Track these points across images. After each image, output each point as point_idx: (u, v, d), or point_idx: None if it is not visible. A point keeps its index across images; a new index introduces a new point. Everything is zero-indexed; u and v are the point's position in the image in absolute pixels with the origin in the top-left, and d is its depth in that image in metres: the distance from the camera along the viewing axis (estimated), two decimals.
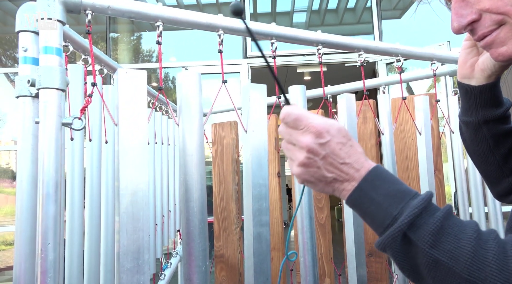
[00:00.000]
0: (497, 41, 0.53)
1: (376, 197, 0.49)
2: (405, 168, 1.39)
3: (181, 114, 0.83)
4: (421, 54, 1.12)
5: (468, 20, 0.53)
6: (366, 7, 4.09)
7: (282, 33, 0.95)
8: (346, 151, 0.52)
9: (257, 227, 0.88)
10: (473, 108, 0.66)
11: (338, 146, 0.51)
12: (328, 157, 0.51)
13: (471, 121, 0.67)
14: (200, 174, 0.83)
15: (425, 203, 0.46)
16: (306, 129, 0.52)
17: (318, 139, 0.51)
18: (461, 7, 0.53)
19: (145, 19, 0.83)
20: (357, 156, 0.52)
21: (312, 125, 0.52)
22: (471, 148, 0.71)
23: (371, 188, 0.50)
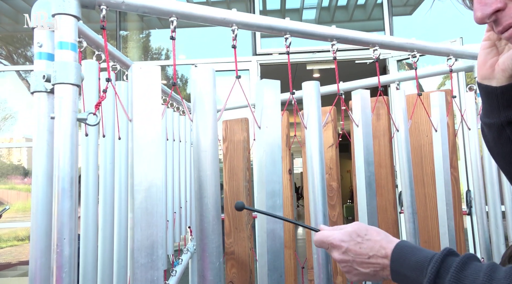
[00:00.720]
0: None
1: (406, 273, 0.57)
2: (420, 165, 1.37)
3: (195, 110, 0.83)
4: (437, 49, 1.10)
5: (493, 9, 0.51)
6: (376, 4, 4.05)
7: (296, 28, 0.94)
8: (366, 246, 0.62)
9: (271, 224, 0.87)
10: (495, 109, 0.64)
11: (357, 247, 0.62)
12: (356, 259, 0.62)
13: (493, 123, 0.65)
14: (214, 170, 0.83)
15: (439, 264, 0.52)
16: (330, 248, 0.66)
17: (339, 250, 0.64)
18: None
19: (159, 14, 0.82)
20: (378, 245, 0.61)
21: (330, 243, 0.66)
22: (494, 150, 0.69)
23: (399, 267, 0.58)
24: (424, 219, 1.30)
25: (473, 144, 1.21)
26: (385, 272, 0.60)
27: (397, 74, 1.30)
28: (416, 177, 1.36)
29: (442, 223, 1.07)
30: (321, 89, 1.42)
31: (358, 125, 1.01)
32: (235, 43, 0.89)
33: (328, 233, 0.68)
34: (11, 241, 4.26)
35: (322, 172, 0.96)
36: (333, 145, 1.54)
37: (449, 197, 1.08)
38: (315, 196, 0.95)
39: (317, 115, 0.96)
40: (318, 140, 0.96)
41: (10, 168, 4.64)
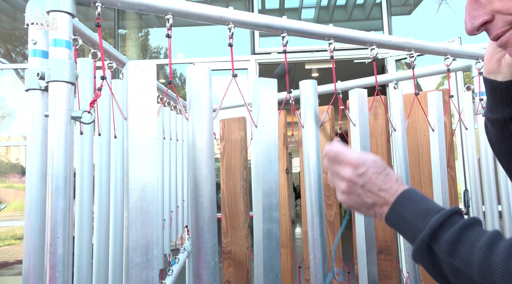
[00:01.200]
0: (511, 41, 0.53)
1: (407, 215, 0.55)
2: (417, 164, 1.37)
3: (191, 109, 0.82)
4: (435, 48, 1.09)
5: (481, 21, 0.53)
6: (375, 3, 4.05)
7: (293, 26, 0.93)
8: (382, 179, 0.60)
9: (267, 223, 0.87)
10: (499, 104, 0.64)
11: (374, 175, 0.60)
12: (367, 185, 0.60)
13: (496, 118, 0.65)
14: (209, 169, 0.82)
15: (446, 216, 0.51)
16: (345, 162, 0.62)
17: (356, 170, 0.60)
18: (474, 9, 0.53)
19: (155, 11, 0.82)
20: (392, 183, 0.59)
21: (350, 159, 0.61)
22: (497, 146, 0.68)
23: (402, 208, 0.56)
24: None
25: (470, 143, 1.21)
26: (383, 209, 0.59)
27: (394, 74, 1.30)
28: (414, 176, 1.36)
29: None
30: (319, 88, 1.42)
31: (355, 125, 1.00)
32: (231, 42, 0.89)
33: (347, 149, 0.63)
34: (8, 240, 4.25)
35: (319, 171, 0.96)
36: None
37: (445, 197, 1.08)
38: (311, 195, 0.94)
39: (314, 114, 0.96)
40: (315, 140, 0.95)
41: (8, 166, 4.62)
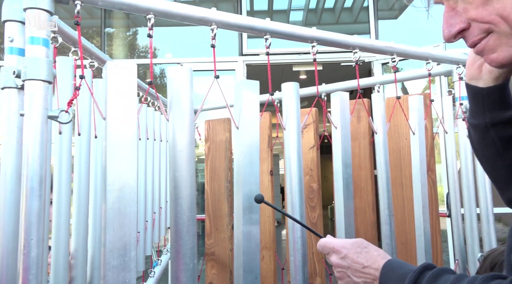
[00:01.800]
0: (487, 48, 0.54)
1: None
2: (399, 167, 1.38)
3: (172, 110, 0.82)
4: (417, 53, 1.11)
5: (457, 29, 0.54)
6: (363, 7, 4.09)
7: (276, 29, 0.94)
8: (363, 256, 0.67)
9: (247, 225, 0.87)
10: (481, 110, 0.65)
11: (355, 255, 0.67)
12: (352, 266, 0.67)
13: (478, 124, 0.66)
14: (189, 171, 0.82)
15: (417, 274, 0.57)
16: (331, 252, 0.71)
17: (339, 255, 0.69)
18: (451, 17, 0.55)
19: (136, 11, 0.81)
20: (374, 258, 0.66)
21: (332, 247, 0.71)
22: (479, 151, 0.69)
23: (387, 279, 0.63)
24: (402, 221, 1.32)
25: (450, 147, 1.23)
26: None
27: (377, 78, 1.31)
28: (395, 179, 1.37)
29: (418, 225, 1.08)
30: (302, 91, 1.43)
31: (336, 128, 1.01)
32: (214, 43, 0.88)
33: (332, 239, 0.73)
34: None
35: (300, 173, 0.96)
36: (314, 146, 1.54)
37: (425, 200, 1.09)
38: (292, 197, 0.94)
39: (296, 117, 0.96)
40: (296, 142, 0.96)
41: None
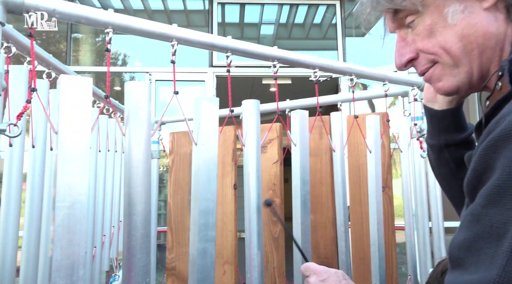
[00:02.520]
0: (434, 77, 0.58)
1: None
2: (358, 184, 1.42)
3: (128, 124, 0.81)
4: (374, 74, 1.15)
5: (407, 59, 0.58)
6: (331, 24, 4.21)
7: (237, 47, 0.95)
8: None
9: (202, 242, 0.86)
10: (436, 131, 0.69)
11: (335, 282, 0.70)
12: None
13: (434, 144, 0.70)
14: (145, 187, 0.81)
15: None
16: (312, 274, 0.73)
17: (319, 277, 0.71)
18: (401, 47, 0.59)
19: (95, 25, 0.80)
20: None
21: (314, 269, 0.73)
22: (436, 170, 0.74)
23: None
24: (360, 237, 1.35)
25: (404, 165, 1.27)
26: None
27: (338, 96, 1.35)
28: (355, 196, 1.41)
29: (373, 241, 1.11)
30: (267, 106, 1.45)
31: (295, 145, 1.03)
32: (174, 59, 0.89)
33: (315, 265, 0.76)
34: None
35: (258, 189, 0.97)
36: (278, 161, 1.56)
37: (380, 216, 1.13)
38: (250, 214, 0.95)
39: (256, 134, 0.97)
40: (255, 159, 0.97)
41: None
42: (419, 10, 0.54)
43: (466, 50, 0.53)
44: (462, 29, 0.52)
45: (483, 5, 0.51)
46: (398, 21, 0.58)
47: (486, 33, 0.52)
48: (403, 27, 0.58)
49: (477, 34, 0.52)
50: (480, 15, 0.52)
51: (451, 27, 0.53)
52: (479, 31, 0.52)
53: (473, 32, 0.52)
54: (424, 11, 0.55)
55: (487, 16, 0.52)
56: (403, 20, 0.57)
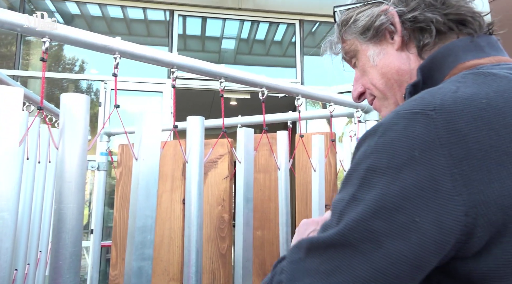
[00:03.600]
0: (376, 108, 0.69)
1: None
2: (305, 201, 1.45)
3: (63, 137, 0.78)
4: (320, 96, 1.19)
5: (358, 93, 0.69)
6: (291, 42, 4.31)
7: (183, 63, 0.95)
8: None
9: (138, 261, 0.84)
10: None
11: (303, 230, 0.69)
12: None
13: None
14: (78, 203, 0.78)
15: None
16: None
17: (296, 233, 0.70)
18: (355, 82, 0.70)
19: (31, 34, 0.77)
20: None
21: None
22: None
23: None
24: None
25: None
26: None
27: (286, 114, 1.38)
28: (301, 213, 1.43)
29: None
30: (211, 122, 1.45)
31: (240, 162, 1.03)
32: (116, 72, 0.87)
33: None
34: None
35: (200, 206, 0.96)
36: (228, 177, 1.56)
37: None
38: (190, 231, 0.93)
39: (199, 150, 0.97)
40: (197, 176, 0.96)
41: None
42: (355, 53, 0.67)
43: (388, 85, 0.63)
44: (381, 68, 0.63)
45: (394, 47, 0.61)
46: (350, 63, 0.70)
47: (399, 70, 0.61)
48: (355, 68, 0.70)
49: (392, 72, 0.62)
50: (393, 55, 0.62)
51: (374, 67, 0.64)
52: (393, 69, 0.61)
53: (389, 70, 0.62)
54: (357, 54, 0.67)
55: (399, 56, 0.61)
56: (351, 62, 0.70)
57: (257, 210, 1.51)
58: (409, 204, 0.41)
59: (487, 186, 0.40)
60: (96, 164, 1.78)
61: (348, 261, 0.43)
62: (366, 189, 0.44)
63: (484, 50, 0.56)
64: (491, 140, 0.41)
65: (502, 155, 0.41)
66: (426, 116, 0.43)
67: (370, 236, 0.42)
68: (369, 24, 0.62)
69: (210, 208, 1.53)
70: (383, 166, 0.43)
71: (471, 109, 0.43)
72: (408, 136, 0.43)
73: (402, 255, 0.41)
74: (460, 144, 0.41)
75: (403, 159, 0.42)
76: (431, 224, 0.41)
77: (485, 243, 0.41)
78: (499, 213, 0.40)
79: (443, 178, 0.41)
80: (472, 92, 0.44)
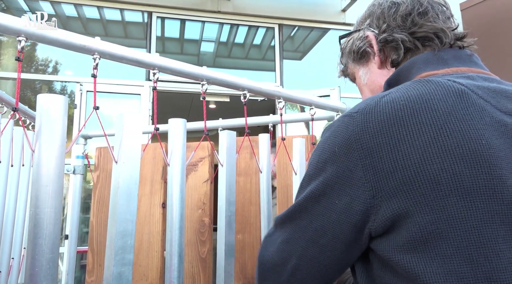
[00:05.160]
0: None
1: None
2: (286, 204, 1.45)
3: (40, 139, 0.75)
4: (301, 99, 1.20)
5: None
6: (270, 46, 4.34)
7: (164, 65, 0.93)
8: None
9: (119, 266, 0.82)
10: None
11: None
12: None
13: None
14: (55, 207, 0.75)
15: None
16: None
17: None
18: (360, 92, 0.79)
19: (5, 32, 0.75)
20: None
21: None
22: None
23: None
24: None
25: None
26: None
27: (267, 117, 1.38)
28: None
29: None
30: (196, 124, 1.44)
31: (222, 165, 1.03)
32: (95, 73, 0.85)
33: None
34: None
35: (182, 210, 0.95)
36: (208, 180, 1.54)
37: None
38: (172, 236, 0.92)
39: (181, 153, 0.96)
40: (179, 179, 0.95)
41: None
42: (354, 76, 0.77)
43: None
44: (369, 85, 0.72)
45: (376, 66, 0.69)
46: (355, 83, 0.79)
47: (381, 86, 0.68)
48: None
49: (377, 87, 0.70)
50: (376, 73, 0.70)
51: (365, 85, 0.74)
52: (377, 85, 0.70)
53: (374, 86, 0.71)
54: (355, 76, 0.77)
55: (381, 73, 0.69)
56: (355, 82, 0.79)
57: (237, 213, 1.50)
58: (329, 190, 0.52)
59: (391, 175, 0.47)
60: (72, 167, 1.73)
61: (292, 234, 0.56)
62: (306, 180, 0.56)
63: (447, 62, 0.61)
64: (400, 135, 0.47)
65: (409, 147, 0.47)
66: (350, 118, 0.52)
67: (305, 215, 0.55)
68: (353, 49, 0.72)
69: (190, 212, 1.51)
70: (315, 161, 0.55)
71: (388, 110, 0.49)
72: (334, 135, 0.53)
73: (325, 229, 0.53)
74: (371, 139, 0.48)
75: (327, 155, 0.53)
76: (346, 205, 0.50)
77: (390, 224, 0.48)
78: (401, 197, 0.47)
79: (355, 168, 0.49)
80: (397, 96, 0.51)
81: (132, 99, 3.68)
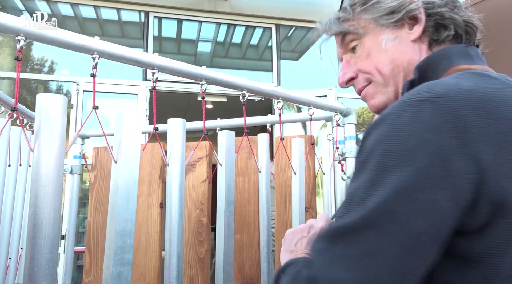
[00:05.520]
0: (368, 95, 0.68)
1: None
2: (284, 204, 1.45)
3: (39, 138, 0.75)
4: (300, 99, 1.20)
5: (348, 77, 0.68)
6: (267, 46, 4.34)
7: (164, 64, 0.93)
8: None
9: (118, 266, 0.81)
10: None
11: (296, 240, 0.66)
12: None
13: None
14: (54, 208, 0.75)
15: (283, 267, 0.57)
16: None
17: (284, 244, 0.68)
18: (345, 67, 0.69)
19: (4, 31, 0.74)
20: None
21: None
22: None
23: None
24: None
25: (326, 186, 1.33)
26: None
27: (265, 117, 1.38)
28: (281, 215, 1.43)
29: None
30: (194, 124, 1.44)
31: (221, 165, 1.03)
32: (94, 72, 0.85)
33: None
34: None
35: (181, 209, 0.95)
36: (206, 180, 1.54)
37: None
38: (171, 235, 0.92)
39: (180, 153, 0.96)
40: (179, 179, 0.94)
41: None
42: (361, 35, 0.66)
43: (394, 72, 0.63)
44: (392, 54, 0.63)
45: (410, 37, 0.62)
46: (345, 46, 0.69)
47: (410, 60, 0.62)
48: (348, 52, 0.69)
49: (403, 59, 0.62)
50: (408, 45, 0.63)
51: (384, 52, 0.64)
52: (405, 57, 0.62)
53: (400, 57, 0.63)
54: (364, 36, 0.65)
55: (413, 46, 0.63)
56: (349, 45, 0.68)
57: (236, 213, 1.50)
58: (426, 183, 0.43)
59: (490, 168, 0.44)
60: (69, 167, 1.72)
61: (376, 243, 0.44)
62: (383, 173, 0.45)
63: (473, 59, 0.60)
64: (491, 128, 0.45)
65: (501, 141, 0.45)
66: (433, 103, 0.46)
67: (394, 217, 0.43)
68: (398, 8, 0.62)
69: (188, 212, 1.51)
70: (398, 150, 0.45)
71: (473, 100, 0.46)
72: (417, 121, 0.45)
73: (424, 232, 0.43)
74: (466, 128, 0.44)
75: (415, 142, 0.44)
76: (448, 200, 0.43)
77: (486, 220, 0.44)
78: (501, 192, 0.44)
79: (453, 158, 0.44)
80: (473, 86, 0.48)
81: (129, 99, 3.67)
